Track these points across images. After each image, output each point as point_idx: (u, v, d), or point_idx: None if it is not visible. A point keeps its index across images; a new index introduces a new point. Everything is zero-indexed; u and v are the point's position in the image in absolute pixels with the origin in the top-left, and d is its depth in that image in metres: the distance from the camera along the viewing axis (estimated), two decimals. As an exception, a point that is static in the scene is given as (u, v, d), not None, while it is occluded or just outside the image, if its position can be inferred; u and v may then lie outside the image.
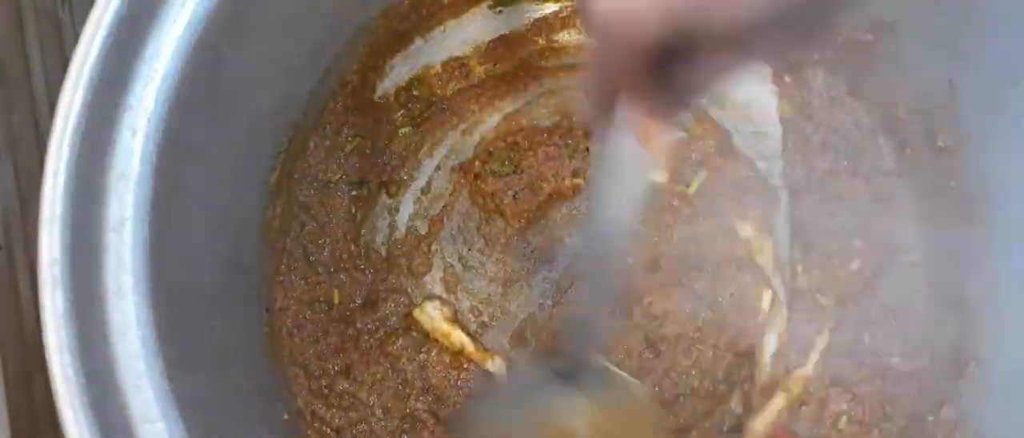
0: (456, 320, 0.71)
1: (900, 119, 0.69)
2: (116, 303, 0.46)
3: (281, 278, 0.65)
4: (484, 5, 0.72)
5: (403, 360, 0.68)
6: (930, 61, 0.65)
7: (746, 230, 0.72)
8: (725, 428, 0.68)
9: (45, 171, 0.44)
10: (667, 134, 0.37)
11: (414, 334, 0.69)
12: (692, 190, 0.72)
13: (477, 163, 0.72)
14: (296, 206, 0.66)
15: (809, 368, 0.69)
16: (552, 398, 0.54)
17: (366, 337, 0.68)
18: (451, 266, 0.71)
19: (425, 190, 0.72)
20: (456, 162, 0.72)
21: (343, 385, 0.66)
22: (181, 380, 0.46)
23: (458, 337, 0.70)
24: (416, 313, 0.70)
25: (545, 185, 0.70)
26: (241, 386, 0.57)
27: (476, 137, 0.72)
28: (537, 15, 0.73)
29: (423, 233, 0.71)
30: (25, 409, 0.68)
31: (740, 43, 0.32)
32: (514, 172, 0.71)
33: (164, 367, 0.46)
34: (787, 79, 0.73)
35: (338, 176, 0.68)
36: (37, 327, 0.44)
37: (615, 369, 0.54)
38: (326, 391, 0.65)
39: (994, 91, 0.62)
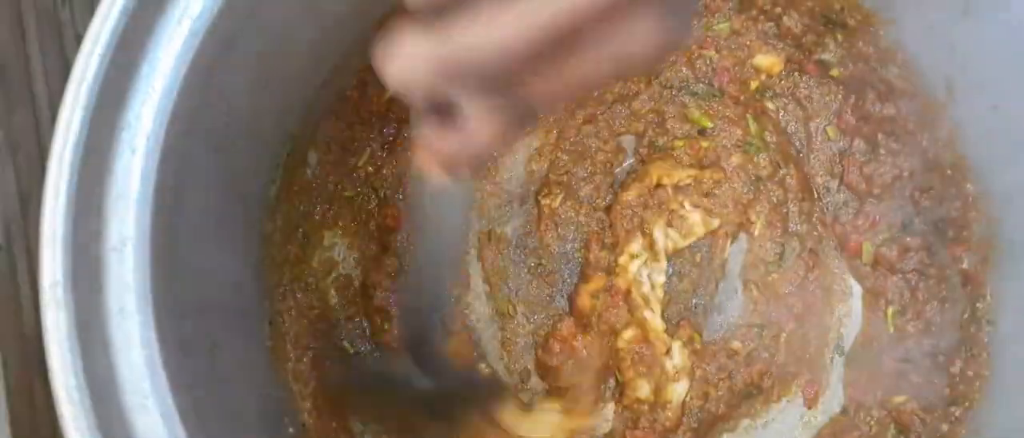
0: None
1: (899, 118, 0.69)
2: (119, 322, 0.46)
3: (283, 291, 0.65)
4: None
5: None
6: (929, 60, 0.65)
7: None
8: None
9: (45, 190, 0.44)
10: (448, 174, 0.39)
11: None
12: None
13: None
14: (297, 218, 0.66)
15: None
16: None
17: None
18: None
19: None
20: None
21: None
22: (186, 398, 0.47)
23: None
24: None
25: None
26: (245, 401, 0.57)
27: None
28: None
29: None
30: (26, 410, 0.68)
31: (511, 87, 0.32)
32: None
33: (168, 385, 0.46)
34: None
35: (339, 188, 0.68)
36: (37, 327, 0.44)
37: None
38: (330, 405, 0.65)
39: (994, 91, 0.61)
